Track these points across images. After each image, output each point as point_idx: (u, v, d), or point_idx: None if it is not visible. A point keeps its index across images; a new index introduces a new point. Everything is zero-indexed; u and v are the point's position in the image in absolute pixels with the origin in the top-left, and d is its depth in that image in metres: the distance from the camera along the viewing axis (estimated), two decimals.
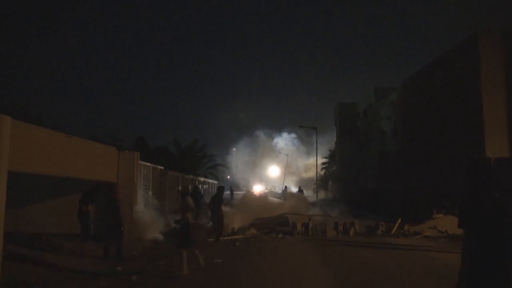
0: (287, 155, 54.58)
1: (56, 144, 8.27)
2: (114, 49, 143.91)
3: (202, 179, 29.41)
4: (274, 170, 60.91)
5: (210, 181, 33.82)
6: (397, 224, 13.58)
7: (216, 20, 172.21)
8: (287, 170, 53.68)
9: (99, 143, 11.99)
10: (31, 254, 8.27)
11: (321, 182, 45.38)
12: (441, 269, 7.73)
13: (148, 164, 14.81)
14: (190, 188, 8.93)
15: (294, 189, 36.91)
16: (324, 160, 50.15)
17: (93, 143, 11.13)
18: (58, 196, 11.09)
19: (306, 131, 36.86)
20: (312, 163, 47.72)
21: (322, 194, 40.34)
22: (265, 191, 46.25)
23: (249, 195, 19.80)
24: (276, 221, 15.13)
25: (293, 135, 58.95)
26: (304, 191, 31.81)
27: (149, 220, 12.24)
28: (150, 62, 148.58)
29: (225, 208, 13.43)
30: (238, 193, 33.92)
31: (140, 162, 13.22)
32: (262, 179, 57.52)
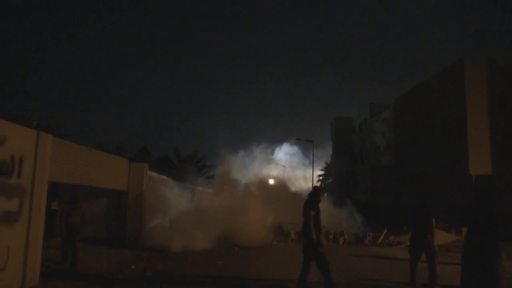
0: (284, 166, 55.49)
1: (80, 156, 9.44)
2: (119, 59, 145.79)
3: (200, 188, 30.34)
4: (270, 182, 61.41)
5: (209, 190, 34.65)
6: (382, 235, 14.73)
7: (219, 35, 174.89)
8: (287, 181, 54.36)
9: (113, 155, 13.16)
10: None
11: None
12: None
13: (154, 174, 15.96)
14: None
15: None
16: (321, 172, 51.30)
17: (109, 155, 12.31)
18: None
19: (305, 144, 37.91)
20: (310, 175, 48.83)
21: None
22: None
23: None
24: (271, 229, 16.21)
25: (293, 148, 60.00)
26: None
27: (157, 226, 13.25)
28: (154, 74, 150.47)
29: None
30: None
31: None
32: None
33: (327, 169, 50.42)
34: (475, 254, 4.79)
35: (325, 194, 48.53)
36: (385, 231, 14.96)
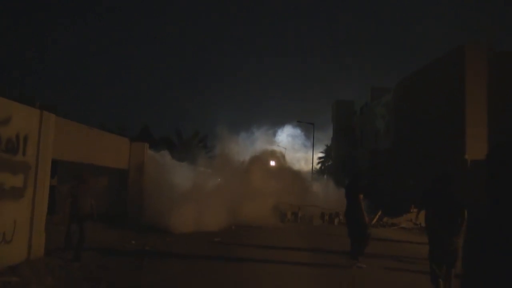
0: (285, 148, 55.83)
1: (82, 135, 9.73)
2: (120, 41, 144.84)
3: (202, 168, 30.71)
4: (272, 164, 61.83)
5: (209, 171, 35.00)
6: (377, 216, 15.12)
7: (221, 17, 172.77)
8: (288, 163, 54.79)
9: (114, 134, 13.43)
10: None
11: (316, 176, 46.90)
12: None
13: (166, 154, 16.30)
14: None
15: None
16: (321, 155, 51.69)
17: (109, 134, 12.59)
18: None
19: (307, 126, 38.01)
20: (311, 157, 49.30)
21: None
22: None
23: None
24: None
25: (295, 130, 60.30)
26: None
27: (157, 204, 13.53)
28: (156, 56, 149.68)
29: None
30: None
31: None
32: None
33: (328, 152, 50.79)
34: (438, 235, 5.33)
35: (325, 177, 49.22)
36: (379, 213, 15.34)
